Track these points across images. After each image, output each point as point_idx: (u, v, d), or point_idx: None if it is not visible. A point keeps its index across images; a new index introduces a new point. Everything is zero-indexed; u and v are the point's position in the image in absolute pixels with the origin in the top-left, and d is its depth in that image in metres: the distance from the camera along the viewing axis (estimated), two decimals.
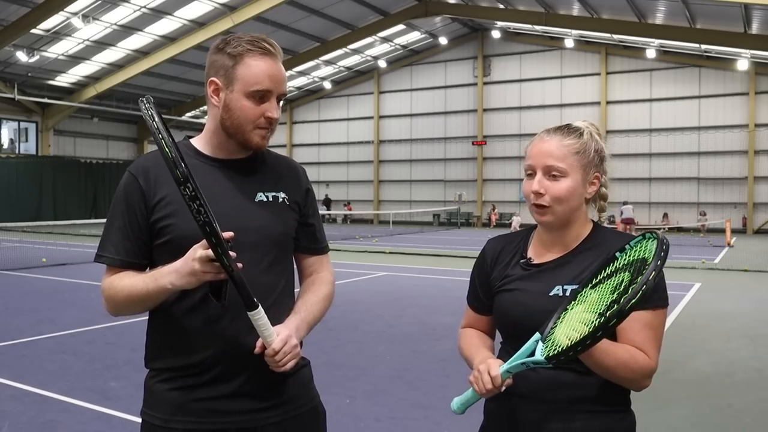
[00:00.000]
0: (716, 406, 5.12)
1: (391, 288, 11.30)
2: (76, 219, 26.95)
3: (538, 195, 1.67)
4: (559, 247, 1.73)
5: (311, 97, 39.84)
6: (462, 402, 1.62)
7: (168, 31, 26.49)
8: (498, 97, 34.83)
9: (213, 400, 1.70)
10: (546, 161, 1.67)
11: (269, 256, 1.77)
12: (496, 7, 28.32)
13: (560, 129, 1.73)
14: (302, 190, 1.90)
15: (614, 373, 1.56)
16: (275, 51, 1.73)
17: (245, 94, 1.70)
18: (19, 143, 33.01)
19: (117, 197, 1.75)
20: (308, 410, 1.84)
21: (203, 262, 1.52)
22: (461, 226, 34.67)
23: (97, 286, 9.25)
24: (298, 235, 1.88)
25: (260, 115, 1.71)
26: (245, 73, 1.70)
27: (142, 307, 1.71)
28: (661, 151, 31.03)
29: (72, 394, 5.03)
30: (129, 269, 1.72)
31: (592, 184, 1.72)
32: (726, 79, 29.75)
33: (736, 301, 10.14)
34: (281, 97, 1.76)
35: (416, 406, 4.91)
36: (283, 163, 1.92)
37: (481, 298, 1.84)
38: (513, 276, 1.75)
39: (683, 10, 22.64)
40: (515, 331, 1.69)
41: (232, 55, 1.70)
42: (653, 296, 1.59)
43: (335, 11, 27.83)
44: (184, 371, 1.71)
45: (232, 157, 1.80)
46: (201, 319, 1.69)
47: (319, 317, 1.85)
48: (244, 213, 1.74)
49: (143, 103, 1.49)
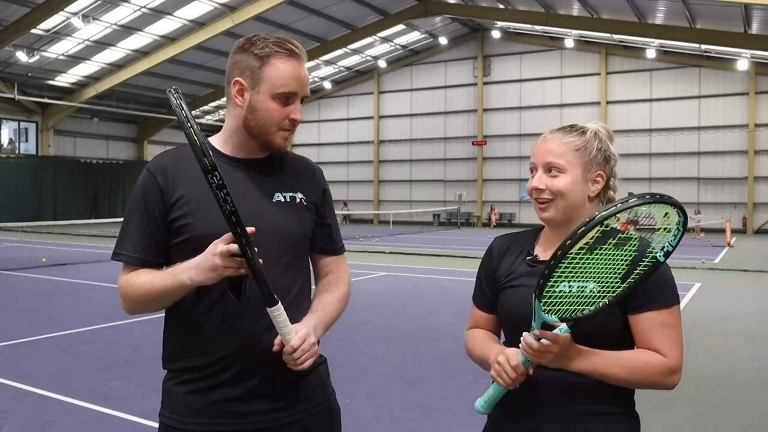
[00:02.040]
0: (716, 406, 5.12)
1: (391, 288, 11.30)
2: (76, 219, 26.97)
3: (539, 191, 1.71)
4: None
5: (311, 97, 39.70)
6: (486, 400, 1.63)
7: (168, 31, 26.48)
8: (498, 97, 34.83)
9: (230, 402, 1.69)
10: (545, 158, 1.71)
11: (287, 257, 1.76)
12: (496, 7, 28.32)
13: (563, 128, 1.76)
14: (319, 190, 1.89)
15: (629, 382, 1.58)
16: (300, 53, 1.73)
17: (272, 96, 1.69)
18: (19, 143, 33.02)
19: (135, 195, 1.74)
20: (324, 408, 1.84)
21: (224, 257, 1.52)
22: (461, 226, 34.67)
23: (97, 286, 9.25)
24: (314, 236, 1.88)
25: (285, 117, 1.71)
26: (272, 74, 1.69)
27: (159, 304, 1.69)
28: (661, 151, 31.03)
29: (72, 394, 5.02)
30: (146, 267, 1.71)
31: (594, 182, 1.72)
32: (726, 79, 29.75)
33: (736, 302, 10.14)
34: (305, 98, 1.77)
35: (416, 406, 4.91)
36: (301, 164, 1.91)
37: (488, 295, 1.84)
38: (518, 272, 1.77)
39: (683, 10, 22.64)
40: (520, 327, 1.69)
41: (259, 56, 1.69)
42: (663, 295, 1.60)
43: (335, 11, 27.83)
44: (201, 371, 1.70)
45: (251, 157, 1.79)
46: (219, 318, 1.68)
47: (336, 317, 1.85)
48: (263, 213, 1.72)
49: (171, 94, 1.48)
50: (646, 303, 1.59)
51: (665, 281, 1.61)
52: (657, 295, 1.59)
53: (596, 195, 1.73)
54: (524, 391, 1.61)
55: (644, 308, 1.59)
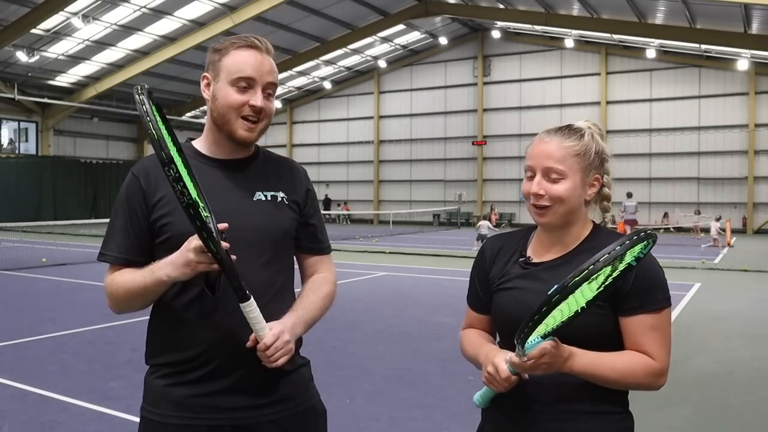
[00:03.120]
0: (716, 406, 5.12)
1: (391, 288, 11.30)
2: (76, 219, 26.94)
3: (538, 196, 1.68)
4: (559, 247, 1.73)
5: (311, 97, 39.84)
6: (482, 396, 1.66)
7: (168, 31, 26.48)
8: (498, 97, 34.82)
9: (209, 396, 1.72)
10: (545, 163, 1.67)
11: (266, 254, 1.78)
12: (496, 7, 28.31)
13: (561, 130, 1.72)
14: (302, 190, 1.92)
15: (618, 383, 1.58)
16: (261, 45, 1.79)
17: (229, 82, 1.75)
18: (19, 143, 33.01)
19: (119, 197, 1.79)
20: (306, 409, 1.84)
21: (198, 252, 1.56)
22: (461, 226, 34.65)
23: (97, 286, 9.24)
24: (299, 235, 1.90)
25: (243, 104, 1.74)
26: (228, 63, 1.76)
27: (141, 301, 1.74)
28: (661, 151, 31.01)
29: (72, 394, 5.03)
30: (130, 267, 1.75)
31: (591, 185, 1.71)
32: (726, 79, 29.74)
33: (736, 301, 10.14)
34: (268, 87, 1.78)
35: (416, 406, 4.91)
36: (283, 164, 1.95)
37: (481, 296, 1.84)
38: (512, 274, 1.75)
39: (683, 10, 22.64)
40: (514, 329, 1.69)
41: (218, 49, 1.79)
42: (655, 298, 1.60)
43: (335, 11, 27.82)
44: (180, 366, 1.73)
45: (231, 157, 1.83)
46: (197, 313, 1.72)
47: (319, 316, 1.86)
48: (242, 211, 1.76)
49: (136, 91, 1.52)
50: (637, 306, 1.59)
51: (657, 284, 1.61)
52: (648, 298, 1.59)
53: (592, 198, 1.72)
54: (519, 389, 1.61)
55: (635, 311, 1.60)
